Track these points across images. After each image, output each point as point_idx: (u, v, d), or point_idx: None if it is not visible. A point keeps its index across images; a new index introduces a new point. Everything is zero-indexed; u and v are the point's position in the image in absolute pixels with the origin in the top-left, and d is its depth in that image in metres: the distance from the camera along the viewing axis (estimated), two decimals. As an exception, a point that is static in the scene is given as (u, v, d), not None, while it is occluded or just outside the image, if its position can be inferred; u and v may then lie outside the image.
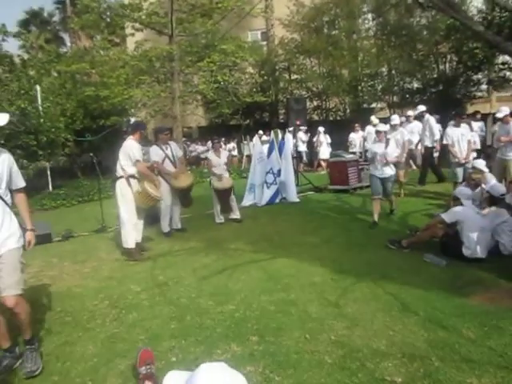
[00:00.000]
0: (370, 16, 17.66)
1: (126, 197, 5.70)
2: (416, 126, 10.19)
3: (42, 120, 12.21)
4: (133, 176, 5.75)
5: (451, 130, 7.95)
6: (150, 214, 6.51)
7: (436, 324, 3.35)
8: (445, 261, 4.77)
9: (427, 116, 9.67)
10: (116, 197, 5.81)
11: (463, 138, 7.76)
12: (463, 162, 7.60)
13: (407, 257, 5.13)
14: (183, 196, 6.92)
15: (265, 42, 21.29)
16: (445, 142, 7.93)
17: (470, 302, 3.75)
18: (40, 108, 12.55)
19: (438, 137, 9.60)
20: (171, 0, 13.83)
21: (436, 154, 10.55)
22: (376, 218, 6.68)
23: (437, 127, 9.88)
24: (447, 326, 3.32)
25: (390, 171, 6.75)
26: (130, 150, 5.69)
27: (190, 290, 4.40)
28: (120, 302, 4.19)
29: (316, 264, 4.97)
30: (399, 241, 5.44)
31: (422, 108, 9.88)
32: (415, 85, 17.03)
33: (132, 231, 5.74)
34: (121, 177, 5.73)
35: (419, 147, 10.15)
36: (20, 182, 3.12)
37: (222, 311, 3.82)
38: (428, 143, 9.61)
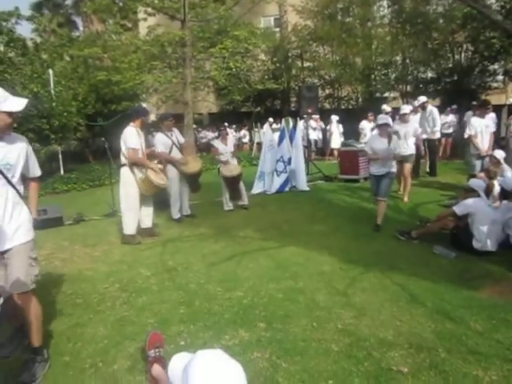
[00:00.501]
0: (385, 3, 17.40)
1: (127, 184, 5.71)
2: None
3: (54, 104, 12.27)
4: (135, 163, 5.75)
5: (475, 121, 7.54)
6: (158, 200, 6.54)
7: (443, 315, 3.35)
8: (454, 253, 4.75)
9: (430, 107, 9.52)
10: (119, 183, 5.85)
11: (487, 130, 7.42)
12: (484, 154, 7.24)
13: (416, 248, 5.12)
14: (192, 181, 6.95)
15: (278, 29, 21.07)
16: (468, 132, 7.53)
17: (478, 295, 3.74)
18: (52, 92, 12.62)
19: (438, 128, 9.45)
20: (184, -15, 13.69)
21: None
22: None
23: (439, 119, 9.71)
24: (455, 317, 3.32)
25: (389, 168, 5.99)
26: (126, 137, 5.67)
27: (199, 276, 4.44)
28: (130, 286, 4.25)
29: (324, 253, 4.98)
30: (409, 232, 5.42)
31: (423, 99, 9.65)
32: (429, 74, 16.81)
33: (133, 218, 5.77)
34: (124, 164, 5.74)
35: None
36: (37, 171, 3.08)
37: (230, 297, 3.86)
38: (428, 134, 9.46)
